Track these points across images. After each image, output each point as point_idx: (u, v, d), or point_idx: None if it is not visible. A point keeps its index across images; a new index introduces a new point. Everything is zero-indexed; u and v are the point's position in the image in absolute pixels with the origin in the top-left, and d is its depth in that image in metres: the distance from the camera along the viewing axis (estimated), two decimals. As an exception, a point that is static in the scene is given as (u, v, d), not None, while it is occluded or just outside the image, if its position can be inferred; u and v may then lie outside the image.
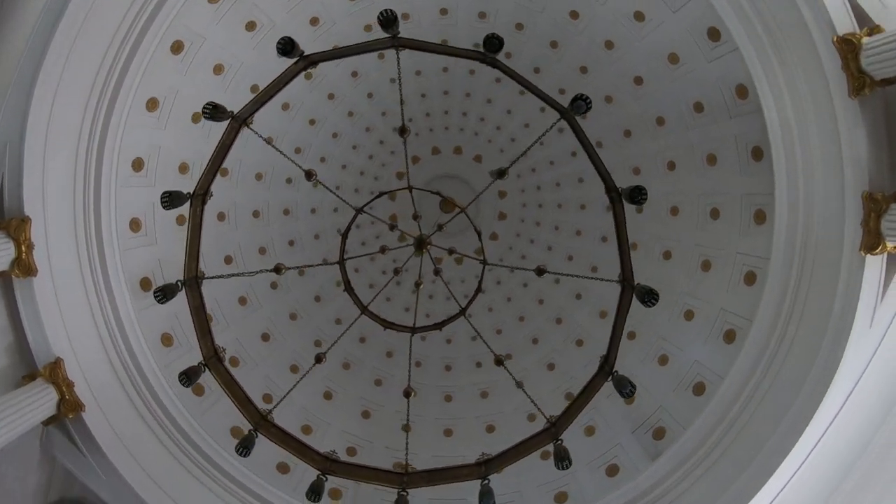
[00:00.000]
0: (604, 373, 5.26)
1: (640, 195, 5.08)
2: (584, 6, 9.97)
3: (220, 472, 8.62)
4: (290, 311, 12.53)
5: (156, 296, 5.52)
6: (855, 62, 6.90)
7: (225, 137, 5.92)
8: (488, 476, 5.24)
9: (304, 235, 13.56)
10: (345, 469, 5.55)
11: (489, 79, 13.19)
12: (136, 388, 8.45)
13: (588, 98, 5.16)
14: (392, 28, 5.32)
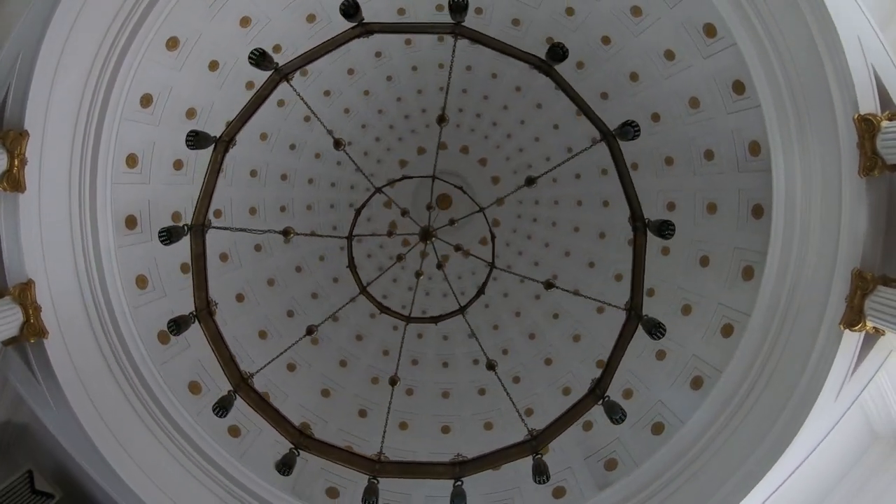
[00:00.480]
0: (594, 396, 5.34)
1: (668, 229, 5.17)
2: (618, 35, 10.05)
3: (172, 425, 8.54)
4: (268, 277, 12.48)
5: (161, 236, 5.45)
6: (871, 142, 7.08)
7: (263, 89, 5.87)
8: (461, 478, 5.29)
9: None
10: (318, 447, 5.55)
11: (510, 86, 13.19)
12: (103, 325, 8.34)
13: (637, 125, 5.23)
14: (460, 15, 5.30)
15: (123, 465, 7.85)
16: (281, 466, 5.49)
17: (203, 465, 8.54)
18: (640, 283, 5.47)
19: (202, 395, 9.30)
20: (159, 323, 9.06)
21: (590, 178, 13.07)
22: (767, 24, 7.72)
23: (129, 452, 7.98)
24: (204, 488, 8.46)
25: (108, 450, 7.79)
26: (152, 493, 7.92)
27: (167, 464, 8.33)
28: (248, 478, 8.72)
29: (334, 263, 13.86)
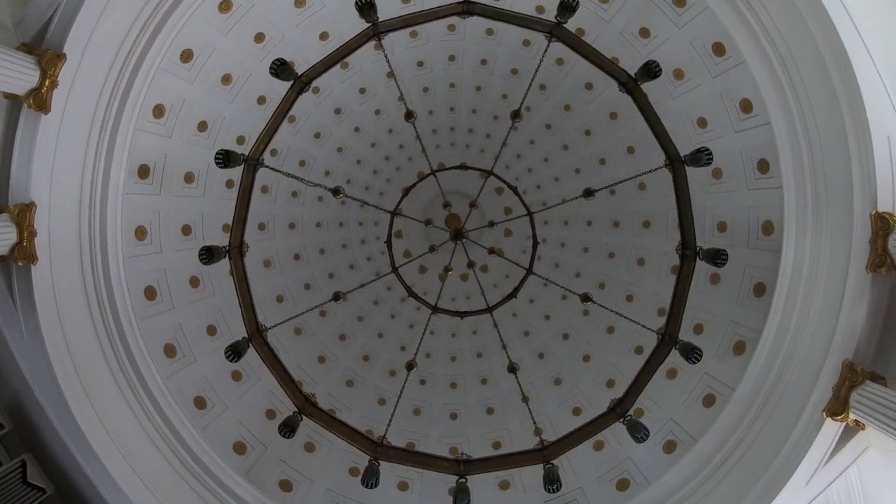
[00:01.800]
0: (615, 413, 5.50)
1: (720, 257, 5.37)
2: (657, 93, 10.45)
3: (140, 381, 8.46)
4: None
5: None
6: (883, 240, 7.43)
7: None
8: (466, 476, 5.37)
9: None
10: (321, 416, 5.61)
11: (496, 96, 13.79)
12: (94, 265, 8.32)
13: (710, 152, 5.45)
14: (567, 15, 5.59)
15: (80, 406, 7.72)
16: (283, 428, 5.52)
17: (161, 426, 8.45)
18: (679, 311, 5.67)
19: (175, 359, 9.23)
20: (149, 277, 9.09)
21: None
22: (804, 110, 8.14)
23: (90, 396, 7.89)
24: (156, 449, 8.33)
25: (69, 388, 7.69)
26: (104, 441, 7.77)
27: (125, 417, 8.24)
28: (204, 451, 8.62)
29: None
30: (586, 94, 12.14)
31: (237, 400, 9.87)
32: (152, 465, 8.22)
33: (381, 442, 5.55)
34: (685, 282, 5.75)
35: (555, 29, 5.88)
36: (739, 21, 8.32)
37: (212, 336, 10.04)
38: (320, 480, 9.89)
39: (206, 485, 8.40)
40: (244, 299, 5.86)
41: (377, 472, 5.30)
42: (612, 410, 5.65)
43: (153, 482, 7.99)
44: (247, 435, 9.60)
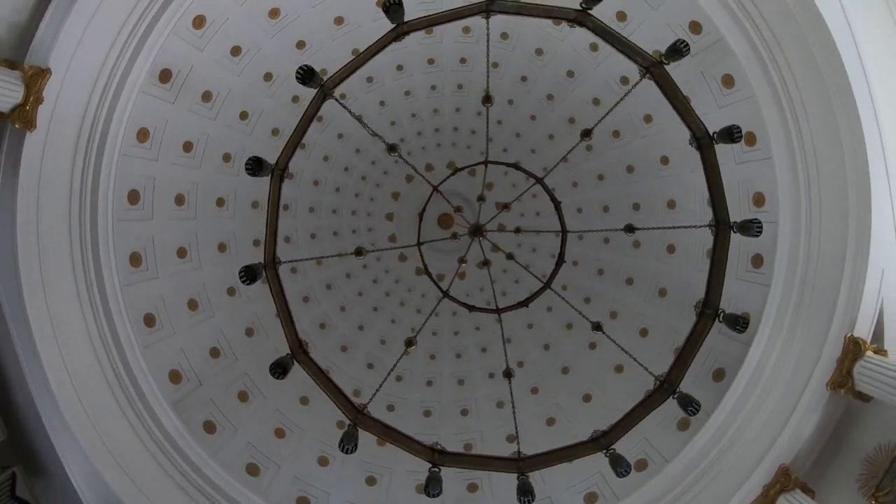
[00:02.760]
0: (598, 444, 5.59)
1: (741, 324, 5.52)
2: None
3: (99, 286, 8.22)
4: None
5: (248, 165, 5.75)
6: (850, 363, 7.85)
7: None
8: (439, 465, 5.42)
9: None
10: (312, 368, 5.73)
11: (452, 89, 13.99)
12: (88, 151, 8.04)
13: (760, 224, 5.62)
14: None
15: (32, 289, 7.43)
16: (275, 368, 5.46)
17: (105, 332, 8.17)
18: (687, 364, 5.82)
19: (139, 269, 9.12)
20: (137, 182, 8.97)
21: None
22: (813, 222, 8.51)
23: (45, 282, 7.57)
24: (92, 349, 8.07)
25: (27, 274, 7.40)
26: (44, 323, 7.51)
27: (74, 310, 7.92)
28: (140, 369, 8.39)
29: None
30: (645, 125, 12.36)
31: (187, 329, 9.71)
32: (84, 362, 7.92)
33: (363, 410, 5.54)
34: (702, 335, 5.91)
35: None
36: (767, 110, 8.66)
37: (181, 258, 9.92)
38: (245, 432, 9.80)
39: (133, 404, 8.18)
40: (272, 225, 5.82)
41: (355, 438, 5.27)
42: (594, 440, 5.74)
43: (81, 380, 7.73)
44: (186, 366, 9.44)
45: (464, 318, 15.31)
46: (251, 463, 9.59)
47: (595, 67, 11.63)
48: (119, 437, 8.01)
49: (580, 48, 11.43)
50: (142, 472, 8.02)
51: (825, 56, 7.72)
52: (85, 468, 7.55)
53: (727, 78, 9.13)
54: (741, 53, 8.47)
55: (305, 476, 10.10)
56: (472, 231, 9.19)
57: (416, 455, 5.78)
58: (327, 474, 10.46)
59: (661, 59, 6.04)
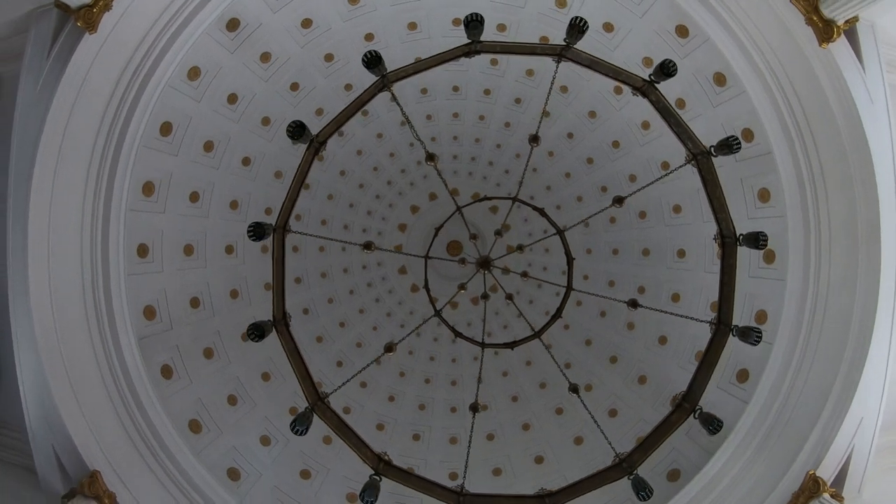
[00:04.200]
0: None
1: (715, 425, 5.59)
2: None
3: (102, 253, 8.31)
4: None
5: (249, 232, 6.01)
6: (805, 499, 8.06)
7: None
8: (381, 475, 5.48)
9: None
10: (288, 343, 5.75)
11: (474, 119, 14.14)
12: (128, 88, 8.18)
13: (760, 335, 5.76)
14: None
15: (40, 197, 7.44)
16: (253, 329, 5.56)
17: (98, 280, 8.22)
18: (653, 445, 5.87)
19: (145, 260, 9.28)
20: (174, 115, 9.10)
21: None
22: (808, 348, 8.58)
23: (53, 197, 7.56)
24: (83, 302, 8.07)
25: (41, 168, 7.40)
26: (41, 257, 7.49)
27: (73, 240, 7.94)
28: (120, 297, 8.41)
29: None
30: (672, 215, 12.46)
31: (175, 271, 9.78)
32: (67, 274, 7.94)
33: (324, 399, 5.62)
34: (671, 426, 5.94)
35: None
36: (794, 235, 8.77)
37: (193, 202, 10.13)
38: (199, 387, 9.80)
39: (101, 328, 8.17)
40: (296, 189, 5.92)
41: (310, 420, 5.31)
42: (539, 497, 5.73)
43: (59, 289, 7.71)
44: (163, 306, 9.47)
45: (444, 346, 15.41)
46: (195, 420, 9.52)
47: (642, 145, 11.79)
48: (79, 355, 7.90)
49: (632, 122, 11.62)
50: (88, 395, 7.88)
51: (865, 209, 7.95)
52: (36, 377, 7.45)
53: (764, 192, 9.24)
54: (784, 173, 8.60)
55: (243, 449, 10.02)
56: (480, 262, 9.26)
57: (363, 459, 5.81)
58: (265, 454, 10.39)
59: (711, 150, 6.18)
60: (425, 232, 15.67)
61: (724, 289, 6.31)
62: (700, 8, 8.27)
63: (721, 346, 6.25)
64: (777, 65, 8.07)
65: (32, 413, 7.43)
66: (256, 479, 9.88)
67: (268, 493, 9.87)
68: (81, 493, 7.12)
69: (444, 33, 10.85)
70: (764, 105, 8.39)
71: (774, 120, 8.39)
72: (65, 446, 7.34)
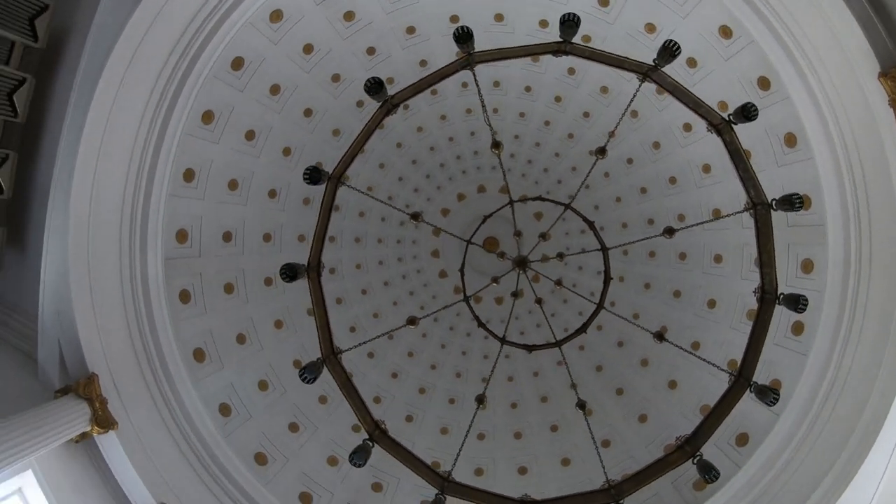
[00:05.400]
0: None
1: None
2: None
3: (150, 172, 8.48)
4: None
5: (305, 174, 6.01)
6: None
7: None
8: (373, 442, 5.73)
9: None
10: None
11: (539, 123, 14.02)
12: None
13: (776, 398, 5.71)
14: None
15: (103, 98, 7.56)
16: (286, 269, 5.72)
17: (140, 193, 8.40)
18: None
19: (191, 184, 9.45)
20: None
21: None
22: (814, 429, 8.36)
23: (115, 105, 7.71)
24: (120, 210, 8.24)
25: (108, 76, 7.53)
26: (92, 151, 7.63)
27: (125, 146, 8.09)
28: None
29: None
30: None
31: (214, 203, 9.95)
32: (113, 173, 8.08)
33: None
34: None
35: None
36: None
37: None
38: (212, 318, 9.97)
39: (132, 241, 8.38)
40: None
41: (320, 369, 5.39)
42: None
43: (103, 185, 7.88)
44: (196, 231, 9.68)
45: (458, 336, 15.54)
46: (200, 349, 9.69)
47: (698, 187, 11.62)
48: (104, 258, 8.05)
49: (694, 162, 11.50)
50: (104, 299, 8.06)
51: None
52: (59, 268, 7.61)
53: (808, 263, 9.07)
54: (833, 249, 8.39)
55: (240, 388, 10.20)
56: (517, 261, 9.10)
57: (360, 421, 5.91)
58: (260, 398, 10.54)
59: (773, 203, 6.00)
60: (467, 221, 15.56)
61: (752, 343, 6.11)
62: (787, 65, 8.05)
63: (737, 399, 6.07)
64: (851, 139, 7.81)
65: (47, 303, 7.64)
66: (245, 420, 10.03)
67: (253, 435, 10.00)
68: (75, 392, 7.29)
69: (442, 32, 10.86)
70: (828, 176, 8.17)
71: (835, 194, 8.15)
72: (70, 343, 7.53)
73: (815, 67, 7.71)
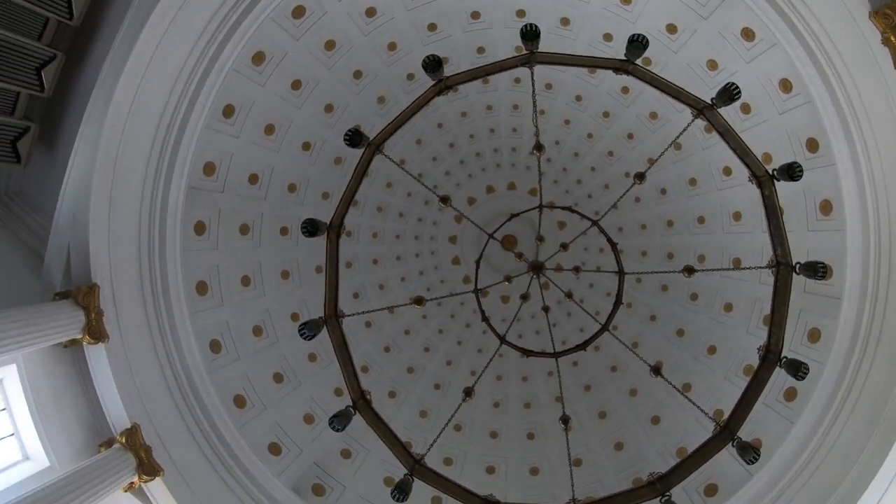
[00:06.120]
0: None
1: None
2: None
3: (186, 112, 8.53)
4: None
5: (346, 138, 6.00)
6: None
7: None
8: (356, 410, 5.80)
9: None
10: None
11: (582, 133, 13.94)
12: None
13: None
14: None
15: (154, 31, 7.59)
16: (308, 223, 5.90)
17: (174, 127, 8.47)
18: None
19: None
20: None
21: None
22: (790, 488, 8.35)
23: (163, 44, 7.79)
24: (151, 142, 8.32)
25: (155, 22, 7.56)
26: (137, 74, 7.67)
27: (168, 81, 8.16)
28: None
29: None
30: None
31: (248, 143, 9.96)
32: (154, 96, 8.10)
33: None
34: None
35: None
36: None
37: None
38: (222, 254, 10.03)
39: (157, 179, 8.50)
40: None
41: (321, 326, 5.63)
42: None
43: (142, 107, 7.92)
44: (224, 167, 9.75)
45: (457, 325, 15.54)
46: (204, 282, 9.82)
47: (725, 232, 11.52)
48: (130, 173, 8.10)
49: (726, 208, 11.44)
50: (121, 212, 8.09)
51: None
52: (84, 174, 7.64)
53: (815, 332, 9.00)
54: (843, 324, 8.31)
55: (234, 328, 10.29)
56: (533, 265, 9.04)
57: (348, 386, 6.02)
58: (252, 343, 10.64)
59: (797, 266, 5.91)
60: (491, 215, 15.44)
61: (745, 399, 6.05)
62: (840, 133, 7.94)
63: (717, 449, 6.02)
64: (886, 222, 7.73)
65: (65, 205, 7.72)
66: (232, 361, 10.12)
67: (237, 377, 10.09)
68: (74, 298, 7.37)
69: (506, 24, 10.82)
70: (856, 253, 8.10)
71: (858, 271, 8.08)
72: (79, 249, 7.59)
73: (867, 143, 7.56)
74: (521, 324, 15.48)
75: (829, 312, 8.49)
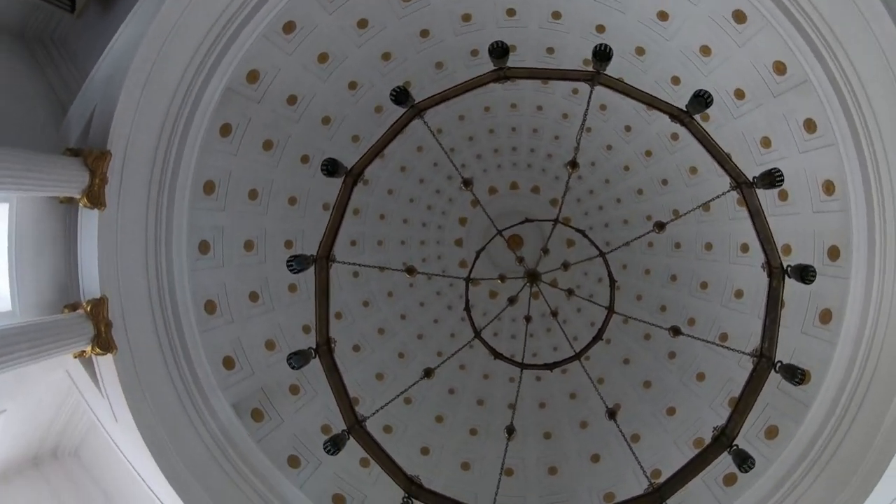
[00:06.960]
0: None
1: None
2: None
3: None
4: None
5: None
6: None
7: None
8: (318, 356, 5.84)
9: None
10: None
11: (619, 163, 13.99)
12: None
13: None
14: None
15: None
16: (328, 163, 5.72)
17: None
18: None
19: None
20: None
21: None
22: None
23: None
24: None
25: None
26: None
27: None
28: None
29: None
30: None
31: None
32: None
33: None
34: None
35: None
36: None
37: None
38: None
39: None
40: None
41: (311, 263, 5.53)
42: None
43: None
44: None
45: (440, 304, 15.50)
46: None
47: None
48: (174, 59, 7.99)
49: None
50: (153, 99, 7.99)
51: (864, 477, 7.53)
52: (132, 41, 7.53)
53: (772, 429, 8.97)
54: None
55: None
56: (530, 273, 9.00)
57: (317, 335, 5.92)
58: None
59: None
60: (506, 210, 15.44)
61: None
62: (864, 251, 7.92)
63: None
64: (878, 345, 7.66)
65: (105, 65, 7.64)
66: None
67: (214, 283, 10.02)
68: (84, 159, 7.27)
69: (583, 35, 10.73)
70: (838, 368, 8.08)
71: (833, 388, 8.08)
72: (103, 115, 7.51)
73: (886, 271, 7.57)
74: (500, 324, 15.50)
75: (793, 415, 8.50)
